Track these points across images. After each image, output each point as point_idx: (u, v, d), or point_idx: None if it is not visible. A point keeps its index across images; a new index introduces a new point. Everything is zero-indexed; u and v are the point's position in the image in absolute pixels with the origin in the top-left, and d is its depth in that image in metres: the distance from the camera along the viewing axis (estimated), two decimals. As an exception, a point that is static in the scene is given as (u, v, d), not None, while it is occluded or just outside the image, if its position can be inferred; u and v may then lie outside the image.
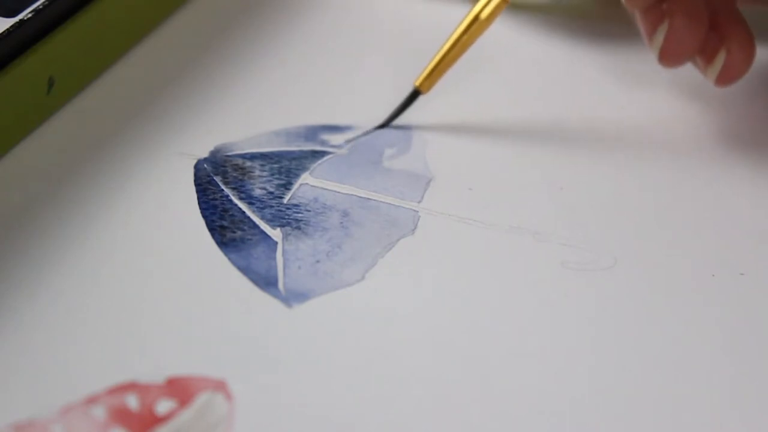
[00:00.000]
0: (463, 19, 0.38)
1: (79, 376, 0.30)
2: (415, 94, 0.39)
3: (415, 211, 0.36)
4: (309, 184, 0.37)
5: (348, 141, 0.38)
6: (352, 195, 0.36)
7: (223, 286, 0.33)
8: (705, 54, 0.39)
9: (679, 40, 0.38)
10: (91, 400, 0.29)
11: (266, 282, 0.33)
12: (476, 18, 0.38)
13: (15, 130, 0.37)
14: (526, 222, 0.35)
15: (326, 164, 0.37)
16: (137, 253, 0.34)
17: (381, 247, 0.34)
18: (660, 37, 0.38)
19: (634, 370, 0.31)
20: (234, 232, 0.34)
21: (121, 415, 0.29)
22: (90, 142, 0.38)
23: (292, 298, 0.32)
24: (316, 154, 0.38)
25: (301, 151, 0.38)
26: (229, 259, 0.34)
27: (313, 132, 0.39)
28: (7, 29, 0.36)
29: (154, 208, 0.35)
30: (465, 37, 0.38)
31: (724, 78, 0.39)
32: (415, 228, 0.35)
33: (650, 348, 0.32)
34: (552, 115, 0.40)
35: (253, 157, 0.38)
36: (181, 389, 0.29)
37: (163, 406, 0.29)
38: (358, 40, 0.44)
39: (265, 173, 0.37)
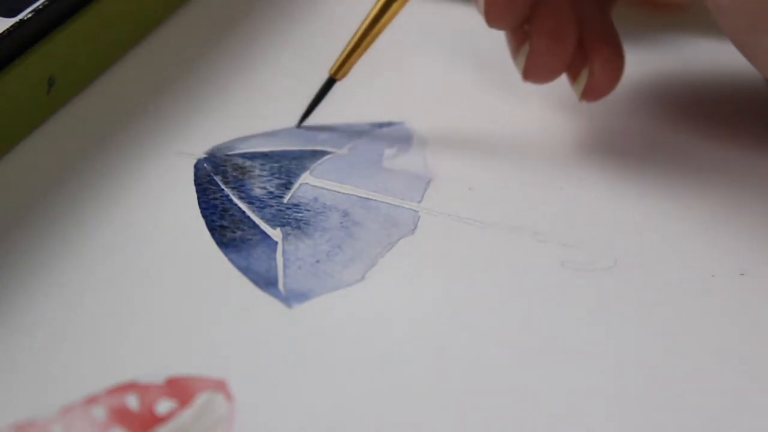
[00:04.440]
0: (375, 4, 0.38)
1: (79, 376, 0.30)
2: (330, 83, 0.39)
3: (415, 211, 0.36)
4: (309, 183, 0.37)
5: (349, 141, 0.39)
6: (352, 195, 0.36)
7: (223, 286, 0.33)
8: (571, 71, 0.38)
9: (539, 63, 0.37)
10: (91, 400, 0.29)
11: (266, 282, 0.33)
12: (388, 2, 0.37)
13: (15, 130, 0.37)
14: (526, 222, 0.35)
15: (326, 164, 0.37)
16: (137, 253, 0.34)
17: (381, 247, 0.34)
18: (522, 59, 0.37)
19: (634, 370, 0.31)
20: (234, 232, 0.34)
21: (121, 415, 0.29)
22: (90, 142, 0.38)
23: (292, 298, 0.32)
24: (316, 154, 0.38)
25: (301, 151, 0.38)
26: (229, 259, 0.34)
27: (312, 132, 0.39)
28: (7, 29, 0.36)
29: (154, 208, 0.35)
30: (377, 25, 0.38)
31: (588, 96, 0.38)
32: (415, 228, 0.35)
33: (650, 348, 0.32)
34: (552, 114, 0.40)
35: (253, 156, 0.38)
36: (181, 389, 0.29)
37: (163, 406, 0.29)
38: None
39: (265, 173, 0.37)
